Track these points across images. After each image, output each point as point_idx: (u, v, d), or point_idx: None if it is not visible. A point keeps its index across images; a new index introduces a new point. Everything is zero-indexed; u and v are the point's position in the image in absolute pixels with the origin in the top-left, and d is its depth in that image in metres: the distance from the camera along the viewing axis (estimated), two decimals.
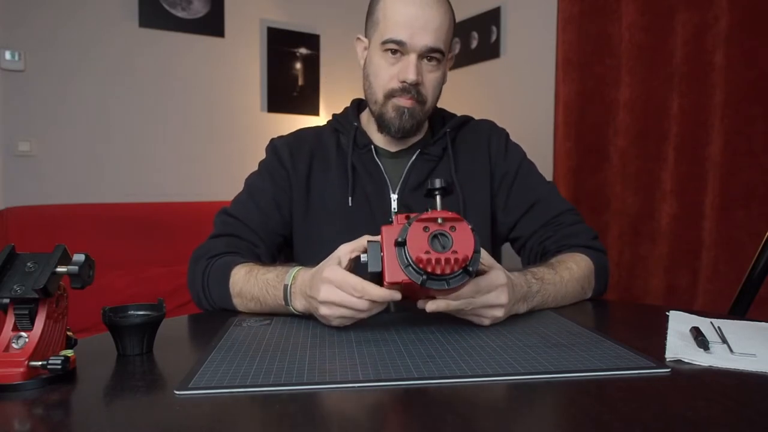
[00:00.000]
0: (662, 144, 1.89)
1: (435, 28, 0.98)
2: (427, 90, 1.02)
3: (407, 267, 0.69)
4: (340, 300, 0.72)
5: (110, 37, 2.66)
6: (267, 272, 0.88)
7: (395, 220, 0.74)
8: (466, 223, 0.69)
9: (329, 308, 0.74)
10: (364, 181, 1.06)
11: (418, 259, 0.66)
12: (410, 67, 0.99)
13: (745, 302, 1.19)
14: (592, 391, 0.55)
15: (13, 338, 0.58)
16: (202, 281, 0.95)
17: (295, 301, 0.82)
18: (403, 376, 0.58)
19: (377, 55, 1.02)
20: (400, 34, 0.98)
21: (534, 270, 0.90)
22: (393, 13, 0.99)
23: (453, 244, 0.67)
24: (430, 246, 0.67)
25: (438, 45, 0.99)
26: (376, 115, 1.06)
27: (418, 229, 0.68)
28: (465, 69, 2.95)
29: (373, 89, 1.04)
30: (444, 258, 0.66)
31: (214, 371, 0.60)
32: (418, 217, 0.69)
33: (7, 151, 2.46)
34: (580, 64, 2.13)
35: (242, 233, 1.02)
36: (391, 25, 0.99)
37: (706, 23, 1.76)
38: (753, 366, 0.61)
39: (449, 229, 0.68)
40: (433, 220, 0.68)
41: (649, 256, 1.94)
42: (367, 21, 1.07)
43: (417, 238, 0.67)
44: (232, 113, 3.00)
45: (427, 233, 0.67)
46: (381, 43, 1.00)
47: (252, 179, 1.11)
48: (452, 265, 0.66)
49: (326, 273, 0.73)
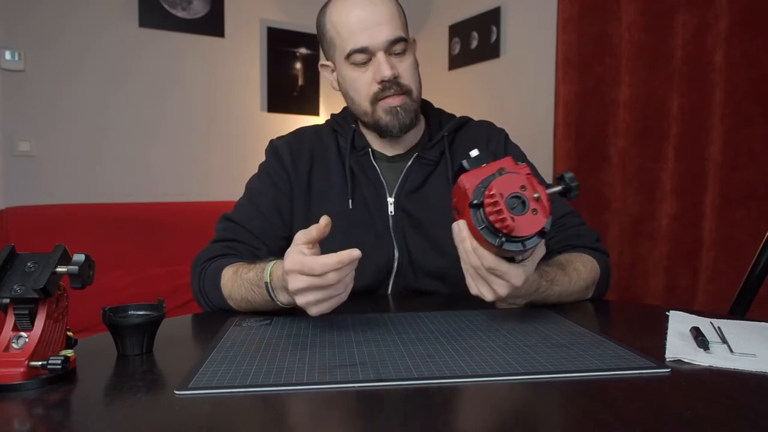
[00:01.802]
0: (662, 144, 1.90)
1: (387, 20, 0.98)
2: (406, 79, 1.02)
3: (483, 228, 0.69)
4: (308, 284, 0.71)
5: (110, 37, 2.66)
6: (248, 271, 0.88)
7: (521, 166, 0.73)
8: (545, 219, 0.69)
9: (303, 296, 0.73)
10: (362, 185, 1.06)
11: (490, 191, 0.67)
12: (382, 65, 0.98)
13: (745, 302, 1.19)
14: (592, 391, 0.55)
15: (13, 338, 0.58)
16: (199, 285, 0.96)
17: (280, 296, 0.81)
18: (403, 376, 0.58)
19: (347, 70, 1.02)
20: (360, 41, 0.98)
21: (547, 270, 0.89)
22: (344, 25, 0.99)
23: (520, 216, 0.67)
24: (506, 195, 0.67)
25: (397, 34, 0.99)
26: (371, 124, 1.06)
27: (519, 180, 0.68)
28: (465, 69, 2.95)
29: (357, 102, 1.04)
30: (502, 209, 0.66)
31: (214, 371, 0.60)
32: (531, 176, 0.69)
33: (7, 151, 2.46)
34: (580, 64, 2.13)
35: (243, 238, 1.02)
36: (346, 36, 0.99)
37: (706, 23, 1.76)
38: (753, 366, 0.61)
39: (531, 210, 0.68)
40: (534, 189, 0.68)
41: (649, 256, 1.94)
42: (322, 45, 1.08)
43: (511, 182, 0.68)
44: (232, 113, 3.00)
45: (519, 190, 0.68)
46: (346, 58, 1.00)
47: (252, 183, 1.10)
48: (498, 221, 0.67)
49: (286, 264, 0.73)
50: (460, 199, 0.75)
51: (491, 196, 0.67)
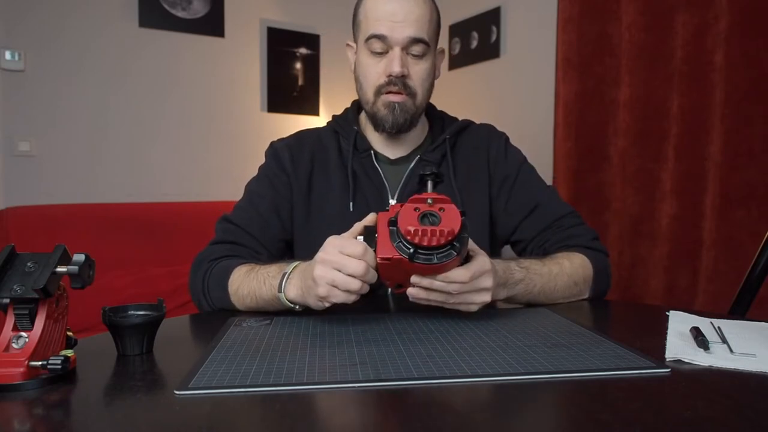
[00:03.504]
0: (662, 144, 1.89)
1: (415, 19, 0.99)
2: (414, 82, 1.03)
3: (398, 244, 0.73)
4: (338, 261, 0.73)
5: (110, 37, 2.66)
6: (270, 266, 0.90)
7: (390, 208, 0.78)
8: (454, 205, 0.72)
9: (324, 269, 0.74)
10: (364, 187, 1.06)
11: (407, 232, 0.70)
12: (395, 60, 1.00)
13: (745, 302, 1.19)
14: (592, 391, 0.55)
15: (13, 338, 0.58)
16: (203, 284, 0.96)
17: (289, 286, 0.82)
18: (403, 376, 0.58)
19: (364, 54, 1.04)
20: (381, 29, 0.99)
21: (520, 260, 0.92)
22: (373, 11, 1.01)
23: (441, 222, 0.71)
24: (419, 223, 0.71)
25: (420, 35, 1.00)
26: (369, 114, 1.07)
27: (409, 209, 0.72)
28: (465, 69, 2.95)
29: (364, 89, 1.06)
30: (431, 230, 0.70)
31: (214, 371, 0.60)
32: (409, 200, 0.73)
33: (7, 151, 2.46)
34: (580, 64, 2.13)
35: (243, 240, 1.02)
36: (371, 22, 1.01)
37: (706, 23, 1.76)
38: (753, 366, 0.61)
39: (438, 209, 0.72)
40: (423, 200, 0.72)
41: (649, 256, 1.94)
42: (353, 26, 1.10)
43: (407, 216, 0.71)
44: (232, 113, 3.00)
45: (417, 213, 0.72)
46: (365, 42, 1.02)
47: (252, 185, 1.10)
48: (438, 237, 0.69)
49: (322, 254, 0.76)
50: (398, 273, 0.77)
51: (412, 234, 0.70)
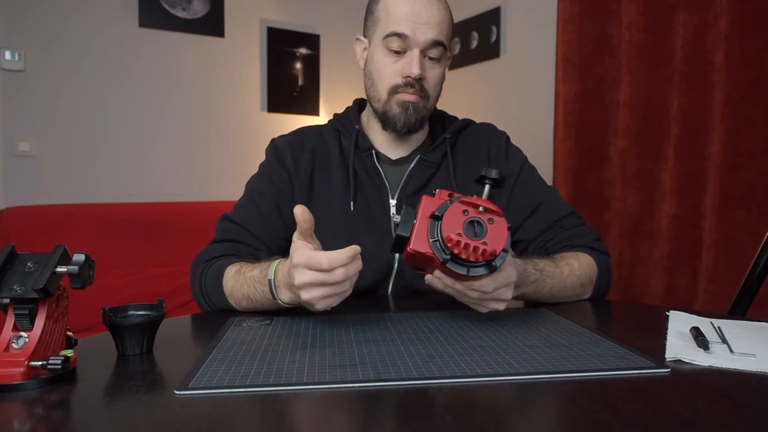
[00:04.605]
0: (662, 144, 1.90)
1: (437, 23, 1.00)
2: (429, 86, 1.03)
3: (435, 242, 0.69)
4: (314, 279, 0.71)
5: (110, 37, 2.66)
6: (253, 269, 0.88)
7: (437, 194, 0.74)
8: (504, 219, 0.69)
9: (308, 291, 0.73)
10: (365, 186, 1.06)
11: (448, 239, 0.67)
12: (414, 62, 0.99)
13: (745, 302, 1.19)
14: (592, 391, 0.55)
15: (13, 338, 0.58)
16: (200, 284, 0.96)
17: (282, 294, 0.81)
18: (403, 376, 0.58)
19: (379, 52, 1.03)
20: (403, 28, 0.99)
21: (536, 261, 0.91)
22: (395, 9, 1.00)
23: (486, 235, 0.67)
24: (463, 229, 0.67)
25: (441, 38, 1.00)
26: (380, 112, 1.06)
27: (458, 209, 0.68)
28: (465, 69, 2.95)
29: (377, 87, 1.05)
30: (473, 245, 0.66)
31: (214, 371, 0.60)
32: (461, 198, 0.69)
33: (7, 151, 2.46)
34: (580, 64, 2.13)
35: (243, 238, 1.02)
36: (393, 19, 1.00)
37: (706, 23, 1.76)
38: (753, 366, 0.61)
39: (487, 220, 0.68)
40: (475, 206, 0.68)
41: (649, 256, 1.94)
42: (366, 20, 1.08)
43: (454, 217, 0.68)
44: (232, 113, 3.00)
45: (465, 216, 0.68)
46: (383, 39, 1.01)
47: (253, 182, 1.10)
48: (478, 255, 0.67)
49: (294, 259, 0.73)
50: (423, 263, 0.75)
51: (453, 243, 0.67)
